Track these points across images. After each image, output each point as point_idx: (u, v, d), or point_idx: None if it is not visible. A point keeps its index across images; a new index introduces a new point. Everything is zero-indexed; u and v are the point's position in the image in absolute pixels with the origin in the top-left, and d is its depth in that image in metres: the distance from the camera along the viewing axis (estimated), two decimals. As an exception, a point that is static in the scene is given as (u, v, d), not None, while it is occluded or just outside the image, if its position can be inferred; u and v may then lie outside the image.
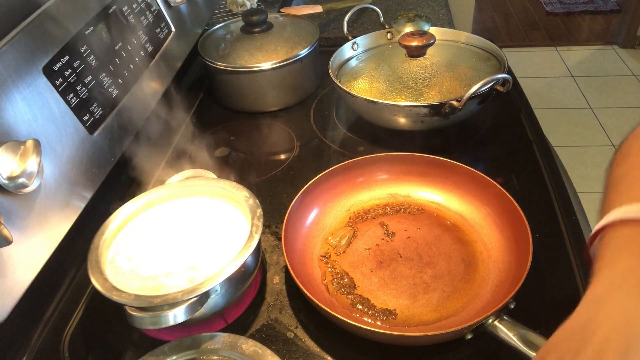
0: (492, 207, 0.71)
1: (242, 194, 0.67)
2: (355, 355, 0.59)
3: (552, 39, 3.36)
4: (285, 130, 0.99)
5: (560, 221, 0.72)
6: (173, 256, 0.61)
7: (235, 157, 0.93)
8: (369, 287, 0.65)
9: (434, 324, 0.60)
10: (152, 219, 0.68)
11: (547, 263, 0.65)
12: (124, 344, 0.63)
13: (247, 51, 0.98)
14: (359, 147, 0.91)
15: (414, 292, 0.64)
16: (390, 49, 0.97)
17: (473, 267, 0.66)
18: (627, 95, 2.76)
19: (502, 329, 0.54)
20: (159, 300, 0.54)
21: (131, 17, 0.82)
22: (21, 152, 0.53)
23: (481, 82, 0.77)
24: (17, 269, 0.55)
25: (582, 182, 2.24)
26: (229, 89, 1.03)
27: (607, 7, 3.61)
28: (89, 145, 0.68)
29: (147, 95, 0.84)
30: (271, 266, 0.71)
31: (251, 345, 0.55)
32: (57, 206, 0.61)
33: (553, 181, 0.78)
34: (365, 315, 0.62)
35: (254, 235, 0.60)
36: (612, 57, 3.10)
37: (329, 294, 0.65)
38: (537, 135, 0.88)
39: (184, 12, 0.99)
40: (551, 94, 2.83)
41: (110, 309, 0.65)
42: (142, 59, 0.83)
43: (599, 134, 2.52)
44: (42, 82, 0.61)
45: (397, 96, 0.86)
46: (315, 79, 1.07)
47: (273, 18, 1.07)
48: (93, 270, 0.58)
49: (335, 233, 0.72)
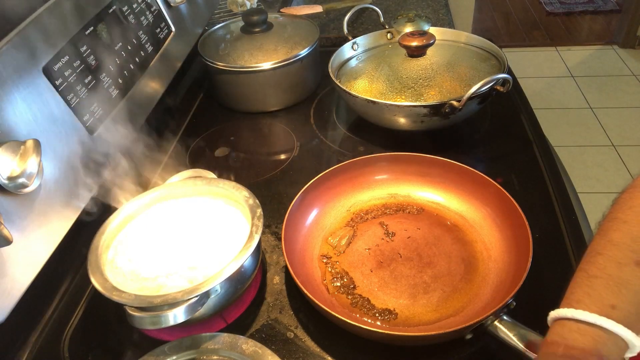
0: (492, 207, 0.71)
1: (242, 194, 0.67)
2: (355, 355, 0.59)
3: (552, 39, 3.36)
4: (285, 130, 0.99)
5: (560, 221, 0.72)
6: (173, 256, 0.61)
7: (235, 157, 0.93)
8: (369, 287, 0.65)
9: (434, 324, 0.60)
10: (152, 219, 0.68)
11: (547, 263, 0.65)
12: (124, 344, 0.63)
13: (247, 51, 0.98)
14: (359, 147, 0.91)
15: (414, 292, 0.64)
16: (390, 49, 0.97)
17: (473, 267, 0.66)
18: (627, 95, 2.76)
19: (502, 329, 0.54)
20: (159, 300, 0.54)
21: (131, 17, 0.82)
22: (21, 152, 0.53)
23: (481, 82, 0.77)
24: (17, 269, 0.55)
25: (582, 182, 2.24)
26: (229, 89, 1.03)
27: (607, 7, 3.61)
28: (89, 145, 0.68)
29: (147, 95, 0.84)
30: (271, 266, 0.71)
31: (251, 345, 0.55)
32: (57, 206, 0.61)
33: (553, 181, 0.78)
34: (365, 315, 0.62)
35: (254, 236, 0.60)
36: (612, 57, 3.10)
37: (329, 294, 0.65)
38: (537, 135, 0.88)
39: (184, 12, 0.99)
40: (551, 94, 2.83)
41: (110, 309, 0.66)
42: (142, 59, 0.83)
43: (599, 134, 2.52)
44: (42, 82, 0.61)
45: (397, 96, 0.86)
46: (315, 79, 1.07)
47: (273, 18, 1.07)
48: (93, 271, 0.58)
49: (335, 233, 0.72)
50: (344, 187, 0.77)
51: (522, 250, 0.62)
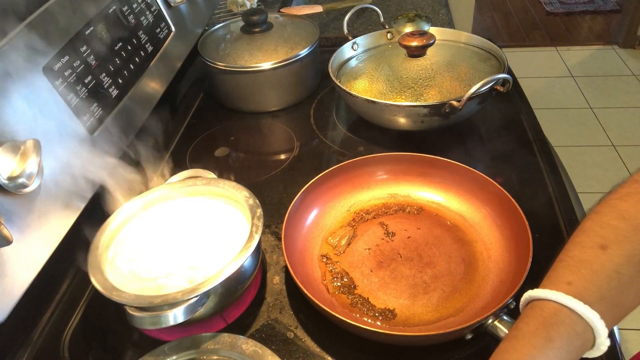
0: (492, 207, 0.71)
1: (242, 194, 0.67)
2: (355, 355, 0.59)
3: (552, 39, 3.36)
4: (285, 130, 0.99)
5: (560, 221, 0.72)
6: (173, 256, 0.61)
7: (235, 157, 0.93)
8: (369, 287, 0.65)
9: (434, 324, 0.60)
10: (152, 219, 0.68)
11: (547, 263, 0.65)
12: (124, 344, 0.63)
13: (247, 51, 0.98)
14: (359, 147, 0.91)
15: (414, 292, 0.64)
16: (390, 49, 0.97)
17: (473, 267, 0.66)
18: (627, 95, 2.76)
19: (502, 329, 0.54)
20: (159, 300, 0.54)
21: (131, 17, 0.82)
22: (21, 152, 0.53)
23: (481, 82, 0.77)
24: (17, 269, 0.55)
25: (582, 182, 2.24)
26: (229, 89, 1.03)
27: (607, 7, 3.61)
28: (89, 145, 0.68)
29: (147, 95, 0.84)
30: (271, 266, 0.71)
31: (251, 345, 0.55)
32: (57, 206, 0.61)
33: (553, 181, 0.78)
34: (365, 315, 0.62)
35: (254, 236, 0.60)
36: (612, 57, 3.10)
37: (329, 294, 0.65)
38: (537, 135, 0.88)
39: (184, 12, 0.99)
40: (551, 94, 2.83)
41: (110, 309, 0.65)
42: (142, 59, 0.83)
43: (599, 134, 2.52)
44: (42, 82, 0.61)
45: (397, 96, 0.86)
46: (315, 79, 1.07)
47: (273, 18, 1.07)
48: (93, 270, 0.58)
49: (335, 233, 0.72)
50: (344, 187, 0.77)
51: (522, 250, 0.62)
